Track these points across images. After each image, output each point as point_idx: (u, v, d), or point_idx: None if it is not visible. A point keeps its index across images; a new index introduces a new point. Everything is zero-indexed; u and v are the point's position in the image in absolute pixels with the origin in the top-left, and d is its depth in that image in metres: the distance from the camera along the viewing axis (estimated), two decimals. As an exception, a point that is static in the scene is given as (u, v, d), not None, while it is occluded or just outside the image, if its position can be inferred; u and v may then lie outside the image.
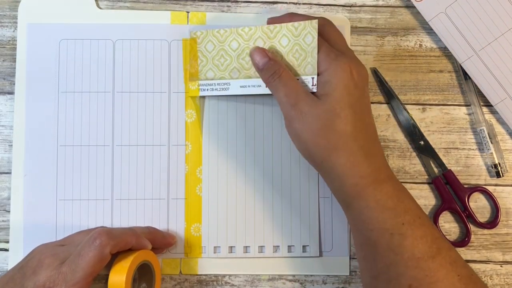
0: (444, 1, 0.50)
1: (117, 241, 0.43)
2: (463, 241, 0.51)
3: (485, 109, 0.52)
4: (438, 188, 0.51)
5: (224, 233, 0.50)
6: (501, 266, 0.51)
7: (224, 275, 0.50)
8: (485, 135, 0.51)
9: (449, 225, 0.51)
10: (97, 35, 0.51)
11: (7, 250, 0.49)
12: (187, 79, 0.51)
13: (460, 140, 0.52)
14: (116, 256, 0.44)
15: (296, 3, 0.53)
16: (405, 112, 0.52)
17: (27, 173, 0.50)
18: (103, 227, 0.49)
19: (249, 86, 0.48)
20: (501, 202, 0.51)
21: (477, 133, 0.52)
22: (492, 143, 0.51)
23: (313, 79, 0.45)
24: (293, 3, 0.53)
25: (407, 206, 0.42)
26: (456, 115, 0.52)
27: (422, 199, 0.51)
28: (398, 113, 0.52)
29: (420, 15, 0.51)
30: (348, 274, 0.50)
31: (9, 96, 0.51)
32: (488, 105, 0.52)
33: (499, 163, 0.51)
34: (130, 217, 0.50)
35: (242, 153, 0.51)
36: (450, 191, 0.51)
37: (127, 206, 0.50)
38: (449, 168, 0.51)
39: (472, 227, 0.51)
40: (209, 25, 0.52)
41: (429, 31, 0.52)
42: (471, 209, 0.50)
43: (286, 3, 0.53)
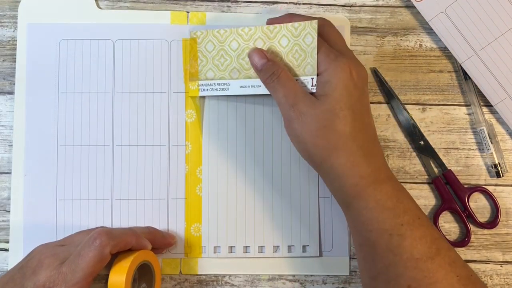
0: (444, 1, 0.50)
1: (117, 241, 0.43)
2: (463, 241, 0.51)
3: (485, 109, 0.52)
4: (438, 188, 0.51)
5: (224, 233, 0.50)
6: (501, 266, 0.51)
7: (224, 275, 0.50)
8: (485, 135, 0.51)
9: (449, 225, 0.51)
10: (97, 35, 0.51)
11: (7, 250, 0.49)
12: (187, 79, 0.51)
13: (460, 140, 0.52)
14: (116, 256, 0.44)
15: (296, 3, 0.53)
16: (405, 112, 0.52)
17: (27, 173, 0.50)
18: (103, 227, 0.49)
19: (249, 86, 0.48)
20: (501, 202, 0.51)
21: (477, 133, 0.52)
22: (492, 143, 0.51)
23: (312, 79, 0.45)
24: (293, 3, 0.53)
25: (406, 206, 0.42)
26: (456, 115, 0.52)
27: (422, 199, 0.51)
28: (398, 113, 0.52)
29: (420, 15, 0.51)
30: (348, 274, 0.50)
31: (9, 96, 0.51)
32: (488, 105, 0.52)
33: (499, 163, 0.51)
34: (130, 217, 0.50)
35: (242, 153, 0.51)
36: (450, 191, 0.51)
37: (127, 206, 0.50)
38: (449, 168, 0.51)
39: (472, 227, 0.51)
40: (209, 25, 0.52)
41: (429, 31, 0.52)
42: (471, 209, 0.50)
43: (286, 3, 0.53)
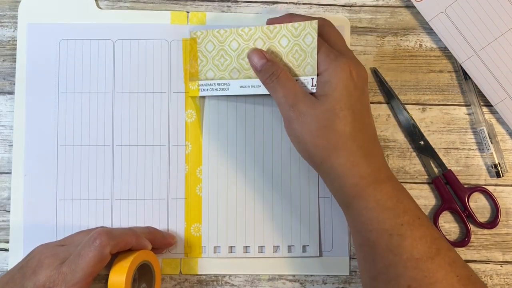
0: (444, 1, 0.50)
1: (117, 241, 0.43)
2: (463, 241, 0.51)
3: (485, 109, 0.52)
4: (438, 188, 0.51)
5: (224, 233, 0.50)
6: (501, 266, 0.51)
7: (224, 275, 0.50)
8: (485, 135, 0.51)
9: (449, 225, 0.51)
10: (97, 35, 0.51)
11: (7, 250, 0.49)
12: (187, 79, 0.51)
13: (460, 140, 0.52)
14: (116, 256, 0.44)
15: (296, 3, 0.53)
16: (405, 112, 0.52)
17: (27, 173, 0.50)
18: (103, 227, 0.49)
19: (249, 86, 0.48)
20: (501, 202, 0.51)
21: (477, 133, 0.52)
22: (492, 143, 0.51)
23: (312, 79, 0.45)
24: (293, 3, 0.53)
25: (406, 206, 0.42)
26: (456, 115, 0.52)
27: (422, 199, 0.51)
28: (398, 113, 0.52)
29: (420, 15, 0.51)
30: (348, 274, 0.50)
31: (9, 96, 0.51)
32: (488, 105, 0.52)
33: (499, 163, 0.51)
34: (130, 217, 0.50)
35: (242, 153, 0.51)
36: (450, 191, 0.51)
37: (127, 206, 0.50)
38: (449, 168, 0.51)
39: (472, 227, 0.51)
40: (209, 25, 0.52)
41: (429, 31, 0.52)
42: (471, 209, 0.50)
43: (286, 3, 0.53)
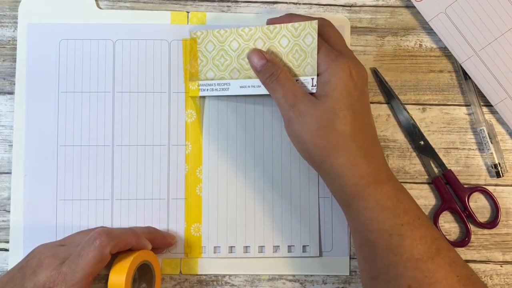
0: (444, 1, 0.50)
1: (117, 241, 0.43)
2: (463, 241, 0.51)
3: (485, 109, 0.52)
4: (438, 188, 0.51)
5: (224, 233, 0.50)
6: (501, 266, 0.51)
7: (224, 275, 0.50)
8: (485, 135, 0.51)
9: (449, 225, 0.51)
10: (97, 35, 0.51)
11: (7, 250, 0.49)
12: (187, 79, 0.51)
13: (460, 140, 0.52)
14: (116, 256, 0.44)
15: (296, 3, 0.53)
16: (405, 112, 0.52)
17: (27, 173, 0.50)
18: (103, 227, 0.49)
19: (249, 87, 0.48)
20: (501, 202, 0.51)
21: (477, 133, 0.52)
22: (492, 143, 0.51)
23: (312, 79, 0.45)
24: (293, 3, 0.53)
25: (406, 206, 0.42)
26: (456, 115, 0.52)
27: (422, 199, 0.51)
28: (398, 113, 0.52)
29: (420, 15, 0.51)
30: (348, 274, 0.50)
31: (9, 96, 0.51)
32: (488, 105, 0.52)
33: (499, 163, 0.51)
34: (130, 217, 0.50)
35: (242, 153, 0.51)
36: (450, 191, 0.51)
37: (127, 206, 0.50)
38: (449, 168, 0.51)
39: (472, 227, 0.51)
40: (209, 25, 0.52)
41: (429, 31, 0.52)
42: (471, 209, 0.50)
43: (286, 3, 0.53)
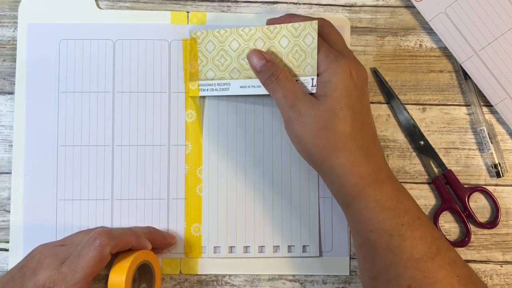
0: (444, 1, 0.50)
1: (117, 241, 0.43)
2: (463, 241, 0.51)
3: (485, 109, 0.52)
4: (438, 188, 0.51)
5: (224, 233, 0.50)
6: (501, 266, 0.51)
7: (224, 275, 0.50)
8: (485, 135, 0.51)
9: (449, 225, 0.51)
10: (97, 35, 0.51)
11: (7, 250, 0.49)
12: (187, 79, 0.51)
13: (460, 140, 0.52)
14: (116, 256, 0.44)
15: (296, 3, 0.53)
16: (405, 112, 0.52)
17: (27, 173, 0.50)
18: (103, 227, 0.49)
19: (249, 87, 0.48)
20: (501, 202, 0.51)
21: (477, 133, 0.52)
22: (492, 143, 0.51)
23: (312, 80, 0.45)
24: (293, 3, 0.53)
25: (406, 206, 0.42)
26: (456, 115, 0.52)
27: (422, 199, 0.51)
28: (398, 113, 0.52)
29: (420, 15, 0.51)
30: (348, 274, 0.50)
31: (9, 96, 0.51)
32: (488, 105, 0.52)
33: (499, 163, 0.51)
34: (130, 217, 0.50)
35: (242, 153, 0.51)
36: (450, 191, 0.51)
37: (127, 206, 0.50)
38: (449, 168, 0.51)
39: (472, 227, 0.51)
40: (209, 25, 0.52)
41: (429, 31, 0.52)
42: (471, 209, 0.50)
43: (286, 3, 0.53)
